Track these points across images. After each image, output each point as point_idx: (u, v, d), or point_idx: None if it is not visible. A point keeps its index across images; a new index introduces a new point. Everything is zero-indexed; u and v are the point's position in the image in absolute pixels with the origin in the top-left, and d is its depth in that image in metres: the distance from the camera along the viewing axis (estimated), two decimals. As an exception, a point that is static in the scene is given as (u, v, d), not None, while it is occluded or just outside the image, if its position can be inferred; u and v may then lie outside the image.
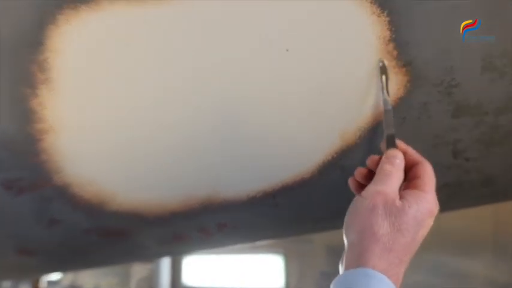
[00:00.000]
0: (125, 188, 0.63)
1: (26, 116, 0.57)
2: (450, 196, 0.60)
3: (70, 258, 0.98)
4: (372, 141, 0.51)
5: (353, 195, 0.50)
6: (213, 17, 0.46)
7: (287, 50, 0.46)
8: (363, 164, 0.52)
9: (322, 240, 4.35)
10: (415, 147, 0.49)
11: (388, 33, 0.43)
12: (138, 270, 5.35)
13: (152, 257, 1.06)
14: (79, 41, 0.51)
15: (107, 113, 0.57)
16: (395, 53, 0.44)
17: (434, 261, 3.98)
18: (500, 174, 0.56)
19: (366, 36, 0.44)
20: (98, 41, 0.51)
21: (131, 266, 5.42)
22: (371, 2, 0.42)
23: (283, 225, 0.73)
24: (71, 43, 0.51)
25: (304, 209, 0.65)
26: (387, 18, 0.43)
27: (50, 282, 5.49)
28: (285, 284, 4.54)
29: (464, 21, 0.42)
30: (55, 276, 6.02)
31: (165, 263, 5.07)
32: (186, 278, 5.09)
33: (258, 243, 4.39)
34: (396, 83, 0.46)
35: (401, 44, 0.44)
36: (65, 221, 0.74)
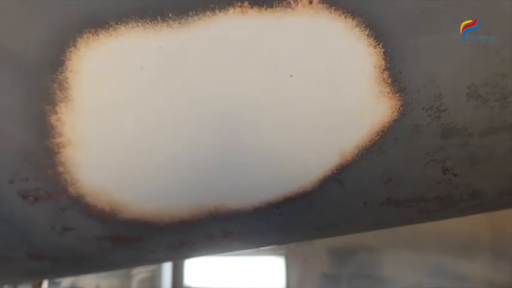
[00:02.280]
0: (137, 198, 0.66)
1: (45, 131, 0.61)
2: (442, 207, 0.64)
3: (79, 263, 1.01)
4: (367, 159, 0.55)
5: (351, 207, 0.54)
6: (224, 46, 0.49)
7: (291, 76, 0.49)
8: (360, 179, 0.56)
9: (323, 242, 4.38)
10: (407, 165, 0.52)
11: (383, 62, 0.47)
12: (140, 271, 5.38)
13: (159, 261, 1.10)
14: (97, 63, 0.55)
15: (122, 129, 0.60)
16: (389, 80, 0.48)
17: (434, 263, 4.01)
18: (485, 188, 0.59)
19: (363, 65, 0.48)
20: (115, 64, 0.55)
21: (132, 268, 5.45)
22: (368, 35, 0.46)
23: (286, 233, 0.77)
24: (89, 65, 0.55)
25: (306, 218, 0.68)
26: (382, 50, 0.46)
27: (51, 283, 5.52)
28: (286, 285, 4.57)
29: (454, 52, 0.46)
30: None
31: (167, 264, 5.10)
32: (188, 279, 5.13)
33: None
34: (390, 107, 0.50)
35: (395, 73, 0.47)
36: (77, 228, 0.78)
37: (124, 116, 0.59)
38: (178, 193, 0.67)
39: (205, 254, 0.97)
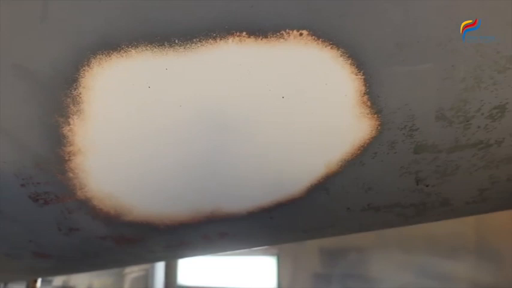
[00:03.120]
0: (141, 202, 0.73)
1: (57, 140, 0.66)
2: (416, 213, 0.71)
3: (82, 262, 1.07)
4: (350, 170, 0.61)
5: (336, 212, 0.61)
6: (223, 69, 0.56)
7: (283, 97, 0.56)
8: (344, 187, 0.62)
9: (315, 243, 4.46)
10: (385, 176, 0.59)
11: (363, 88, 0.54)
12: (132, 270, 5.40)
13: (158, 259, 1.15)
14: (108, 80, 0.61)
15: (128, 140, 0.66)
16: (369, 103, 0.55)
17: (421, 264, 4.11)
18: (454, 197, 0.66)
19: (346, 89, 0.54)
20: (124, 82, 0.61)
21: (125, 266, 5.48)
22: (350, 64, 0.53)
23: (278, 235, 0.84)
24: (101, 82, 0.61)
25: (295, 221, 0.75)
26: (363, 77, 0.53)
27: (44, 281, 5.51)
28: (278, 284, 4.64)
29: (424, 80, 0.53)
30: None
31: (160, 263, 5.13)
32: (181, 277, 5.17)
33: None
34: (370, 126, 0.57)
35: (374, 97, 0.54)
36: (83, 229, 0.84)
37: (130, 129, 0.65)
38: (179, 198, 0.73)
39: (202, 254, 1.04)
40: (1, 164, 0.71)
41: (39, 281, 4.42)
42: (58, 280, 5.91)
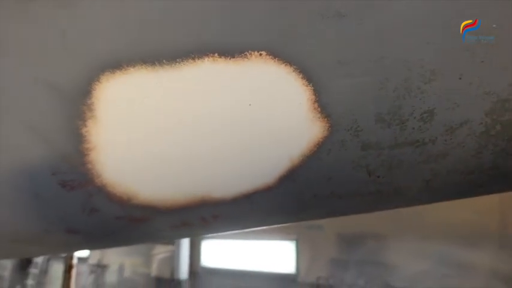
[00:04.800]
0: (145, 188, 0.88)
1: (78, 139, 0.83)
2: (376, 200, 0.83)
3: (103, 238, 1.26)
4: (310, 164, 0.74)
5: (305, 198, 0.74)
6: (201, 83, 0.70)
7: (250, 105, 0.69)
8: (308, 178, 0.75)
9: (333, 228, 4.58)
10: (340, 169, 0.72)
11: (313, 97, 0.66)
12: (160, 251, 5.75)
13: (167, 238, 1.33)
14: (114, 92, 0.76)
15: (132, 138, 0.82)
16: (319, 109, 0.67)
17: (440, 252, 4.13)
18: (404, 187, 0.77)
19: (300, 99, 0.67)
20: (127, 93, 0.76)
21: (153, 248, 5.83)
22: (302, 78, 0.65)
23: (261, 218, 0.98)
24: (109, 93, 0.77)
25: (272, 206, 0.89)
26: (312, 88, 0.65)
27: (80, 260, 5.97)
28: (296, 268, 4.81)
29: (363, 90, 0.64)
30: (84, 254, 6.52)
31: (185, 246, 5.44)
32: (204, 259, 5.46)
33: (272, 229, 4.63)
34: (322, 127, 0.69)
35: (323, 104, 0.66)
36: (102, 210, 1.01)
37: (134, 129, 0.80)
38: (176, 185, 0.88)
39: (204, 234, 1.19)
40: (37, 159, 0.89)
41: (75, 258, 4.82)
42: (93, 259, 6.38)
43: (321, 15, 0.61)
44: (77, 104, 0.78)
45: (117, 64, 0.72)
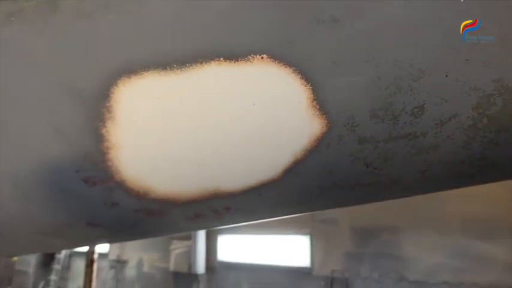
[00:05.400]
0: (161, 183, 0.96)
1: (98, 139, 0.91)
2: (376, 191, 0.88)
3: (123, 231, 1.34)
4: (312, 157, 0.80)
5: (309, 189, 0.79)
6: (208, 85, 0.76)
7: (253, 104, 0.75)
8: (310, 170, 0.81)
9: (347, 222, 4.61)
10: (339, 162, 0.77)
11: (312, 96, 0.71)
12: (177, 246, 5.89)
13: (181, 230, 1.40)
14: (130, 95, 0.83)
15: (148, 136, 0.89)
16: (318, 107, 0.72)
17: (455, 245, 4.12)
18: (401, 177, 0.82)
19: (299, 97, 0.72)
20: (141, 96, 0.83)
21: (171, 243, 5.98)
22: (300, 78, 0.71)
23: (270, 209, 1.04)
24: (125, 96, 0.84)
25: (279, 198, 0.95)
26: (311, 88, 0.71)
27: (100, 255, 6.15)
28: (311, 262, 4.87)
29: (357, 89, 0.69)
30: (104, 250, 6.71)
31: (201, 241, 5.56)
32: (220, 254, 5.57)
33: (287, 224, 4.68)
34: (321, 123, 0.74)
35: (321, 102, 0.71)
36: (121, 203, 1.09)
37: (149, 128, 0.88)
38: (188, 179, 0.95)
39: (216, 226, 1.26)
40: (62, 157, 0.97)
41: (96, 254, 4.98)
42: (112, 254, 6.58)
43: (317, 20, 0.67)
44: (97, 107, 0.85)
45: (132, 70, 0.79)
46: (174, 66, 0.77)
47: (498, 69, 0.59)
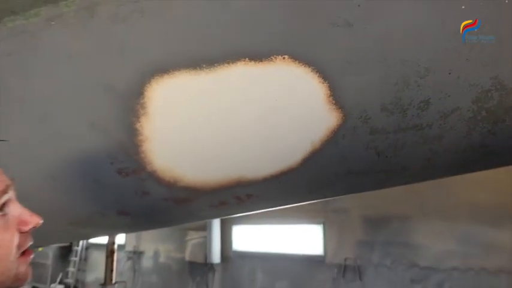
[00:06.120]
0: (189, 172, 1.05)
1: (132, 132, 1.00)
2: (387, 177, 0.96)
3: (151, 219, 1.45)
4: (329, 147, 0.88)
5: (327, 176, 0.88)
6: (235, 83, 0.85)
7: (276, 100, 0.84)
8: (327, 159, 0.90)
9: (358, 212, 4.68)
10: (353, 150, 0.86)
11: (328, 92, 0.80)
12: (193, 237, 6.04)
13: (206, 217, 1.50)
14: (163, 93, 0.92)
15: (178, 130, 0.98)
16: (334, 101, 0.80)
17: (464, 232, 4.16)
18: (410, 164, 0.90)
19: (317, 93, 0.81)
20: (172, 93, 0.92)
21: (187, 234, 6.14)
22: (318, 76, 0.79)
23: (288, 196, 1.13)
24: (158, 94, 0.93)
25: (298, 185, 1.04)
26: (327, 85, 0.79)
27: (119, 246, 6.34)
28: (324, 250, 4.97)
29: (370, 84, 0.77)
30: (121, 241, 6.90)
31: (216, 231, 5.70)
32: (235, 244, 5.70)
33: (300, 213, 4.77)
34: (337, 116, 0.82)
35: (337, 97, 0.80)
36: (152, 192, 1.19)
37: (179, 122, 0.97)
38: (214, 168, 1.05)
39: (238, 213, 1.36)
40: (98, 150, 1.07)
41: (115, 244, 5.15)
42: (129, 246, 6.79)
43: (333, 24, 0.75)
44: (132, 103, 0.95)
45: (165, 69, 0.88)
46: (204, 66, 0.86)
47: (494, 68, 0.67)
